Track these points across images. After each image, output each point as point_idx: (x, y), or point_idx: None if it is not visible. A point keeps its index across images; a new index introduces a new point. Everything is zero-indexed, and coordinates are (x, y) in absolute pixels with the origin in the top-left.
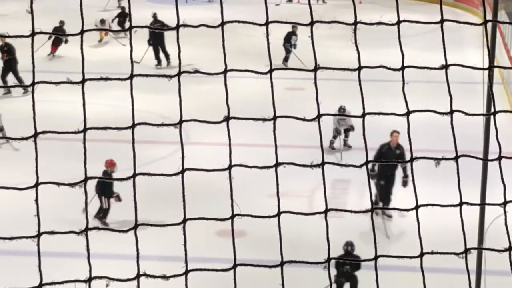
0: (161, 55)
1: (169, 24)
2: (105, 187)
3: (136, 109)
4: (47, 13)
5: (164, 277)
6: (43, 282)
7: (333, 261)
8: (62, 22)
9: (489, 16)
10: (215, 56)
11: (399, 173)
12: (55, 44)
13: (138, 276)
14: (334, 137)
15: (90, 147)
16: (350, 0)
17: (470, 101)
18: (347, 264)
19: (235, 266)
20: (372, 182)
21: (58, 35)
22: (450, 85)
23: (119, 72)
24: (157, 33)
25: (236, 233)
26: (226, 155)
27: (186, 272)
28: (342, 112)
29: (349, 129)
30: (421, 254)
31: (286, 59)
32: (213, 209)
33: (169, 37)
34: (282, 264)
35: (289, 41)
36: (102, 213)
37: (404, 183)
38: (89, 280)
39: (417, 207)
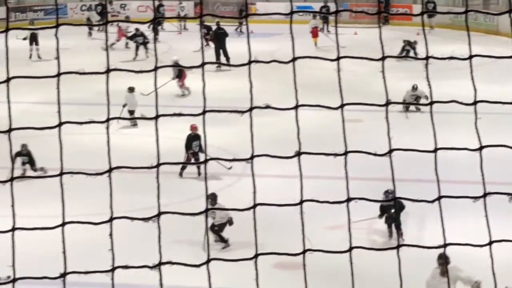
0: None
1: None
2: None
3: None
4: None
5: None
6: None
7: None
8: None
9: None
10: (269, 89)
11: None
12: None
13: None
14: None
15: (147, 180)
16: (404, 31)
17: None
18: (392, 208)
19: None
20: None
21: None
22: None
23: (182, 105)
24: (219, 37)
25: (293, 265)
26: (280, 187)
27: None
28: (415, 89)
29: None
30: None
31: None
32: (271, 241)
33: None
34: None
35: None
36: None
37: None
38: None
39: (490, 242)
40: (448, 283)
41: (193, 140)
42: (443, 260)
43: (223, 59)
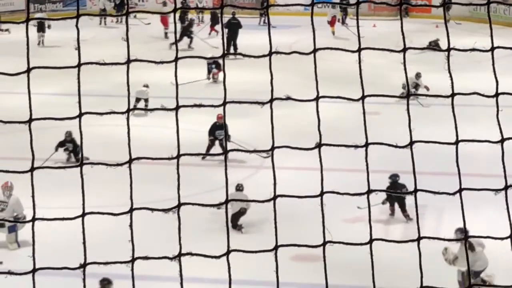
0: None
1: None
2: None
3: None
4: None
5: None
6: None
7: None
8: None
9: None
10: (287, 81)
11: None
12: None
13: None
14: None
15: (165, 172)
16: (423, 24)
17: None
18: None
19: None
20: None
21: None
22: None
23: (201, 97)
24: (233, 27)
25: (311, 258)
26: (298, 179)
27: None
28: (418, 76)
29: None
30: None
31: None
32: (288, 233)
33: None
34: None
35: None
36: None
37: None
38: None
39: None
40: (467, 255)
41: (216, 129)
42: (464, 234)
43: (231, 50)
